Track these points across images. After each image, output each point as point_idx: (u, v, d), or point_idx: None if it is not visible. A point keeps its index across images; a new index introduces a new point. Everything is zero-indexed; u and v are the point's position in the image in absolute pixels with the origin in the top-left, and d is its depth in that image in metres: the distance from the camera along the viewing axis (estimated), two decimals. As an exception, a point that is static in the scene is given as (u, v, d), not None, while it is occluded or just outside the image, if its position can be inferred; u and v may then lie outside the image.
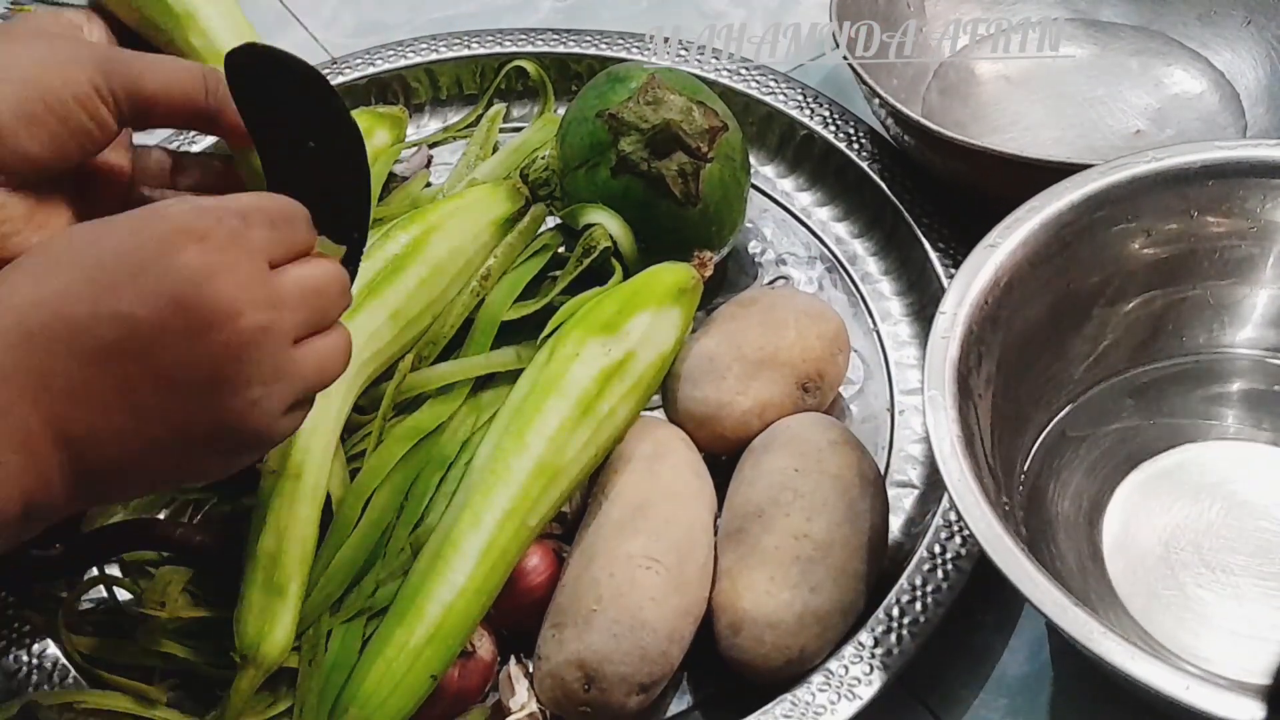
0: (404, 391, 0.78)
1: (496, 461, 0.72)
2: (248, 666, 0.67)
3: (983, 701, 0.72)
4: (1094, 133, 0.93)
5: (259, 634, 0.67)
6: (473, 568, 0.69)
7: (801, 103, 0.94)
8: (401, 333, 0.78)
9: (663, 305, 0.78)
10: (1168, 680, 0.58)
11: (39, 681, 0.71)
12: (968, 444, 0.66)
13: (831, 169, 0.93)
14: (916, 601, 0.71)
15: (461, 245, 0.81)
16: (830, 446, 0.74)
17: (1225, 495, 0.74)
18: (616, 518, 0.72)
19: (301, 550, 0.69)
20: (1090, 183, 0.74)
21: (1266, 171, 0.75)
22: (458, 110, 0.99)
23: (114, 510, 0.74)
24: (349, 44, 1.04)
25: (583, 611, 0.69)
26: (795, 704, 0.68)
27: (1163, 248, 0.76)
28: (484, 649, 0.71)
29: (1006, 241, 0.72)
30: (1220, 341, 0.78)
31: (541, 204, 0.85)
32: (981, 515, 0.63)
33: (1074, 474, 0.75)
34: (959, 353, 0.69)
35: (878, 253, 0.90)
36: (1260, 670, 0.66)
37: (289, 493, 0.70)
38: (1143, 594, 0.71)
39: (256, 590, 0.68)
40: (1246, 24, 0.95)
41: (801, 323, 0.79)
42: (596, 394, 0.74)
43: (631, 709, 0.68)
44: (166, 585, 0.70)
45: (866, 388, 0.84)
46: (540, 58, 0.97)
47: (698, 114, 0.82)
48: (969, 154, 0.83)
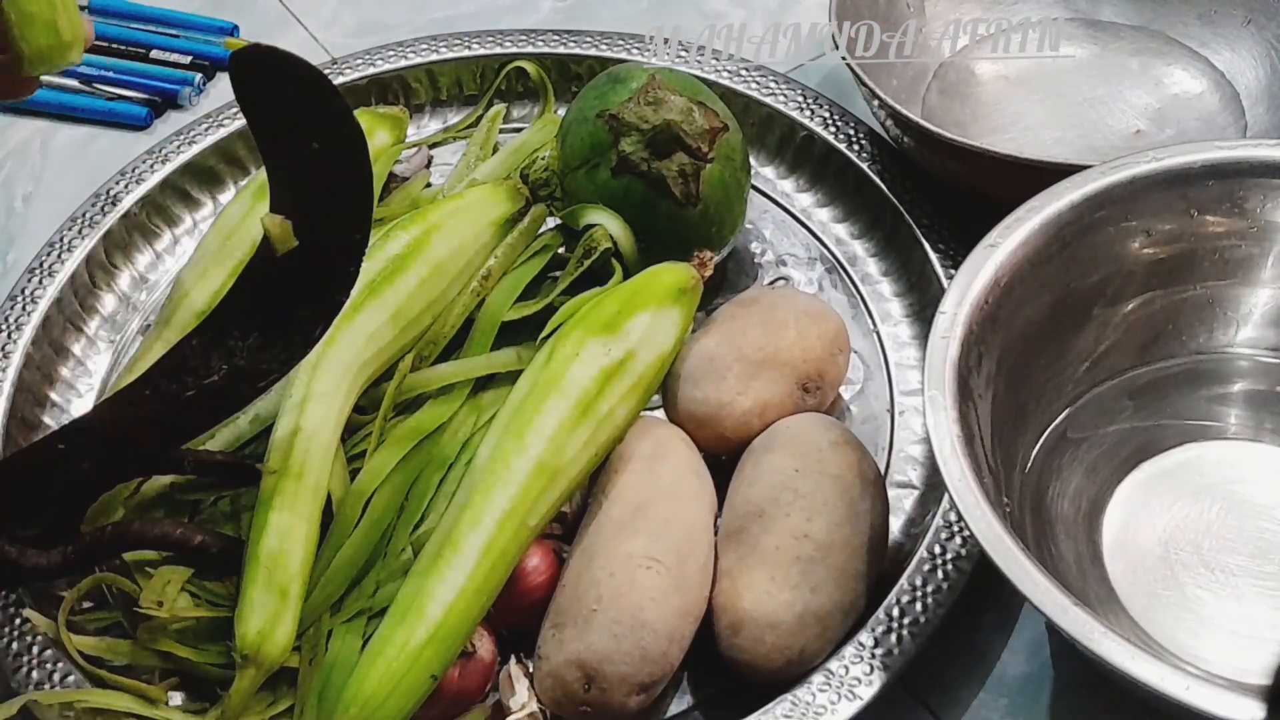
0: (404, 392, 0.78)
1: (496, 462, 0.72)
2: (248, 666, 0.67)
3: (983, 701, 0.72)
4: (1094, 133, 0.93)
5: (260, 634, 0.67)
6: (473, 568, 0.69)
7: (801, 104, 0.94)
8: (402, 333, 0.78)
9: (663, 305, 0.78)
10: (1168, 680, 0.58)
11: (39, 681, 0.71)
12: (968, 444, 0.66)
13: (831, 170, 0.93)
14: (917, 602, 0.71)
15: (462, 245, 0.81)
16: (831, 447, 0.74)
17: (1225, 495, 0.74)
18: (617, 518, 0.72)
19: (303, 550, 0.69)
20: (1090, 183, 0.74)
21: (1266, 171, 0.75)
22: (458, 111, 0.99)
23: (114, 510, 0.74)
24: (349, 44, 1.04)
25: (583, 611, 0.69)
26: (795, 704, 0.68)
27: (1163, 248, 0.76)
28: (484, 649, 0.71)
29: (1006, 241, 0.72)
30: (1220, 342, 0.78)
31: (542, 204, 0.85)
32: (981, 515, 0.63)
33: (1074, 474, 0.75)
34: (959, 353, 0.69)
35: (878, 254, 0.90)
36: (1260, 670, 0.66)
37: (290, 493, 0.70)
38: (1142, 594, 0.71)
39: (257, 590, 0.68)
40: (1246, 24, 0.95)
41: (801, 323, 0.79)
42: (596, 394, 0.74)
43: (631, 709, 0.68)
44: (166, 585, 0.70)
45: (866, 388, 0.84)
46: (540, 58, 0.97)
47: (698, 114, 0.82)
48: (968, 155, 0.83)
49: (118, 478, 0.73)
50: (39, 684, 0.71)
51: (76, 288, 0.88)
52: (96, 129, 1.02)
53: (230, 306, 0.69)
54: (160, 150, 0.94)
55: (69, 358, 0.87)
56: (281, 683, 0.69)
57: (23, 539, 0.70)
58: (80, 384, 0.86)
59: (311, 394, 0.74)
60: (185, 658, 0.70)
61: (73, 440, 0.69)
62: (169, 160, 0.93)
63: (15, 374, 0.83)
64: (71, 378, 0.86)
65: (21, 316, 0.85)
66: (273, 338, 0.68)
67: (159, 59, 1.04)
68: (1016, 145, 0.91)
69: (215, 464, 0.75)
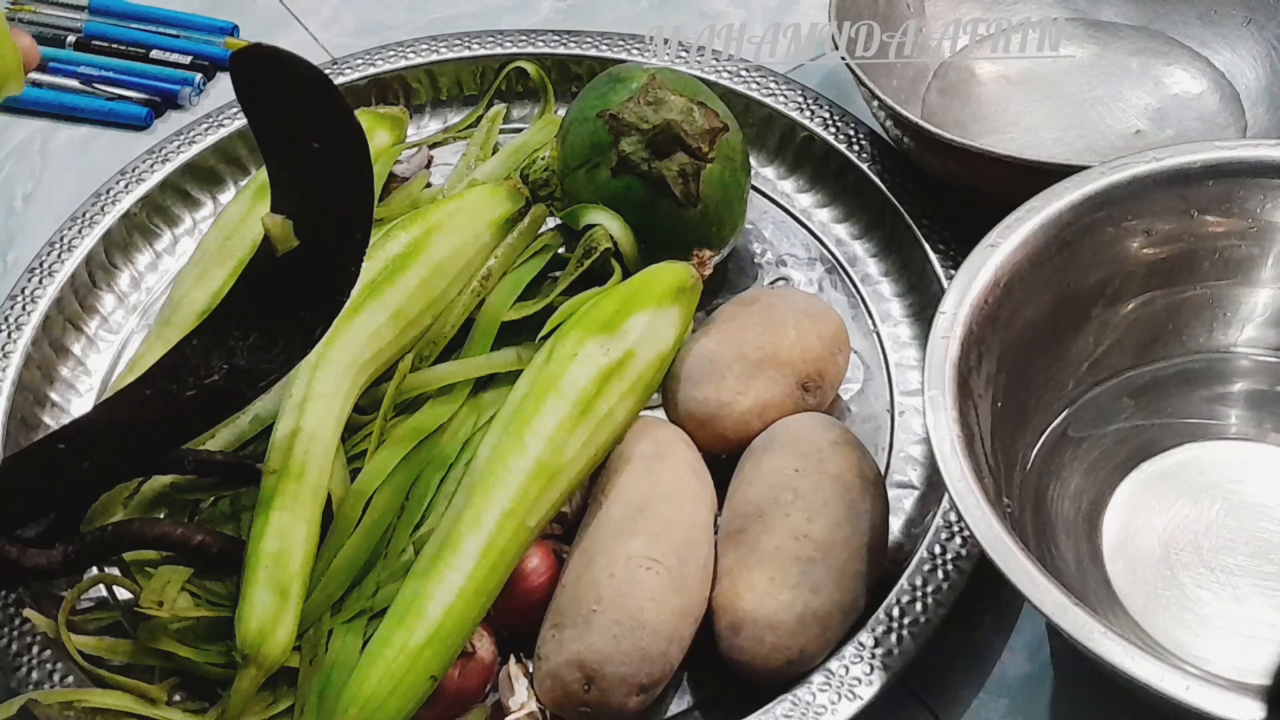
0: (404, 392, 0.78)
1: (495, 462, 0.71)
2: (249, 666, 0.67)
3: (983, 701, 0.72)
4: (1094, 133, 0.93)
5: (261, 634, 0.67)
6: (472, 568, 0.69)
7: (801, 104, 0.94)
8: (402, 333, 0.78)
9: (662, 304, 0.78)
10: (1168, 680, 0.58)
11: (39, 680, 0.71)
12: (968, 444, 0.66)
13: (831, 170, 0.93)
14: (917, 602, 0.71)
15: (462, 245, 0.81)
16: (831, 446, 0.74)
17: (1225, 495, 0.74)
18: (617, 518, 0.72)
19: (303, 550, 0.69)
20: (1090, 183, 0.74)
21: (1266, 171, 0.75)
22: (458, 111, 0.99)
23: (114, 510, 0.74)
24: (349, 44, 1.04)
25: (583, 612, 0.69)
26: (795, 704, 0.68)
27: (1163, 248, 0.76)
28: (484, 649, 0.71)
29: (1007, 241, 0.72)
30: (1220, 342, 0.78)
31: (542, 204, 0.85)
32: (982, 515, 0.63)
33: (1074, 474, 0.75)
34: (959, 353, 0.69)
35: (878, 254, 0.90)
36: (1260, 670, 0.66)
37: (291, 493, 0.70)
38: (1142, 594, 0.71)
39: (258, 590, 0.68)
40: (1246, 23, 0.95)
41: (801, 322, 0.79)
42: (595, 394, 0.74)
43: (631, 709, 0.68)
44: (165, 584, 0.70)
45: (866, 389, 0.84)
46: (540, 59, 0.97)
47: (698, 114, 0.82)
48: (968, 155, 0.83)
49: (118, 478, 0.73)
50: (39, 684, 0.71)
51: (76, 288, 0.88)
52: (96, 129, 1.02)
53: (230, 306, 0.69)
54: (160, 150, 0.94)
55: (69, 358, 0.87)
56: (281, 683, 0.69)
57: (23, 539, 0.70)
58: (80, 384, 0.86)
59: (312, 394, 0.74)
60: (186, 658, 0.70)
61: (73, 440, 0.69)
62: (169, 160, 0.93)
63: (15, 374, 0.83)
64: (71, 378, 0.86)
65: (21, 316, 0.85)
66: (273, 338, 0.68)
67: (159, 59, 1.04)
68: (1016, 145, 0.91)
69: (215, 464, 0.75)
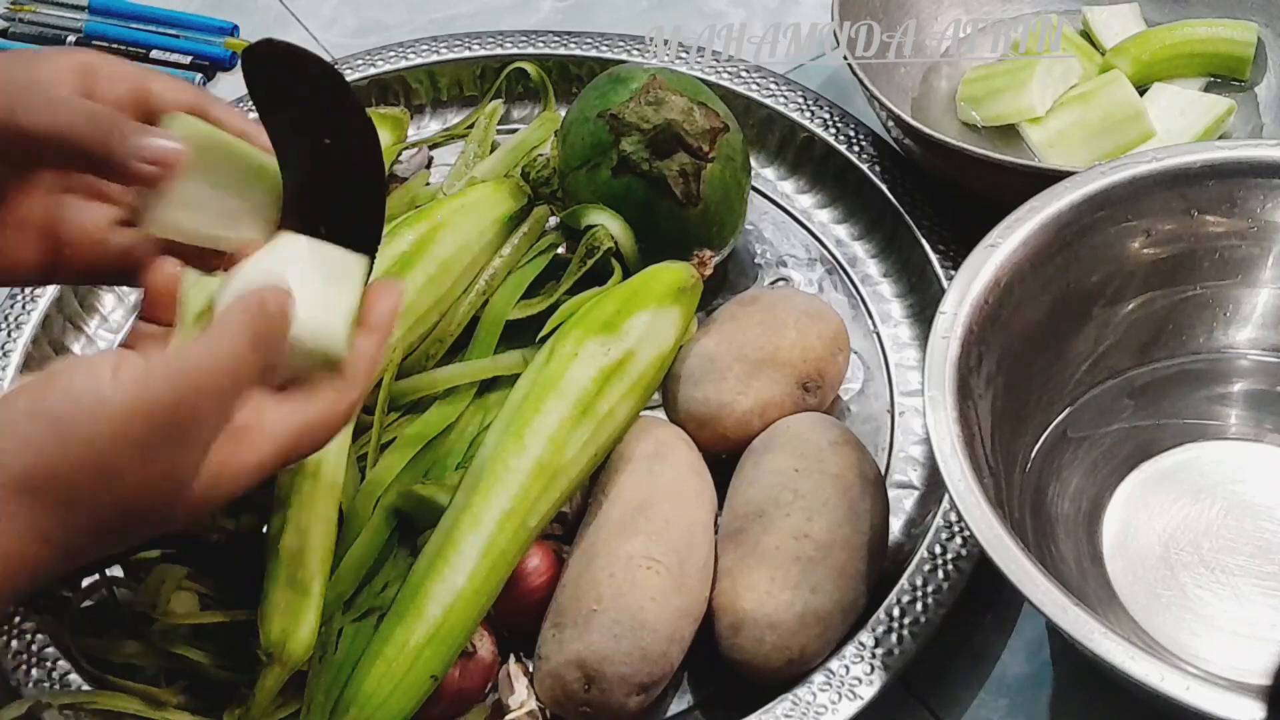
0: (410, 393, 0.78)
1: (496, 462, 0.71)
2: (273, 664, 0.67)
3: (983, 701, 0.72)
4: (1094, 134, 0.93)
5: (284, 632, 0.67)
6: (473, 568, 0.69)
7: (802, 105, 0.94)
8: (409, 330, 0.78)
9: (662, 304, 0.78)
10: (1168, 680, 0.58)
11: (39, 680, 0.71)
12: (968, 444, 0.66)
13: (832, 171, 0.93)
14: (917, 602, 0.71)
15: (467, 243, 0.81)
16: (831, 446, 0.74)
17: (1225, 495, 0.74)
18: (617, 518, 0.72)
19: (321, 548, 0.69)
20: (1090, 183, 0.74)
21: (1266, 171, 0.75)
22: (458, 111, 0.99)
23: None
24: (349, 44, 1.05)
25: (583, 611, 0.69)
26: (796, 704, 0.68)
27: (1163, 248, 0.76)
28: (484, 649, 0.71)
29: (1007, 242, 0.72)
30: (1220, 342, 0.78)
31: (543, 205, 0.85)
32: (982, 515, 0.63)
33: (1074, 474, 0.75)
34: (959, 353, 0.69)
35: (878, 255, 0.90)
36: (1260, 670, 0.66)
37: (307, 491, 0.70)
38: (1142, 594, 0.71)
39: (280, 588, 0.67)
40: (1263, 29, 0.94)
41: (802, 322, 0.79)
42: (596, 394, 0.74)
43: (631, 709, 0.68)
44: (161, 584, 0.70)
45: (867, 389, 0.84)
46: (540, 59, 0.97)
47: (699, 114, 0.82)
48: (968, 157, 0.83)
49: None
50: (39, 683, 0.71)
51: (76, 287, 0.88)
52: (97, 129, 1.02)
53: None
54: (161, 150, 0.94)
55: (69, 357, 0.87)
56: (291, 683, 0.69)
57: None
58: (80, 384, 0.86)
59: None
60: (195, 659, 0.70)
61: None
62: (169, 160, 0.93)
63: (15, 374, 0.83)
64: (71, 377, 0.86)
65: (21, 316, 0.85)
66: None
67: (159, 59, 1.04)
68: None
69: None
